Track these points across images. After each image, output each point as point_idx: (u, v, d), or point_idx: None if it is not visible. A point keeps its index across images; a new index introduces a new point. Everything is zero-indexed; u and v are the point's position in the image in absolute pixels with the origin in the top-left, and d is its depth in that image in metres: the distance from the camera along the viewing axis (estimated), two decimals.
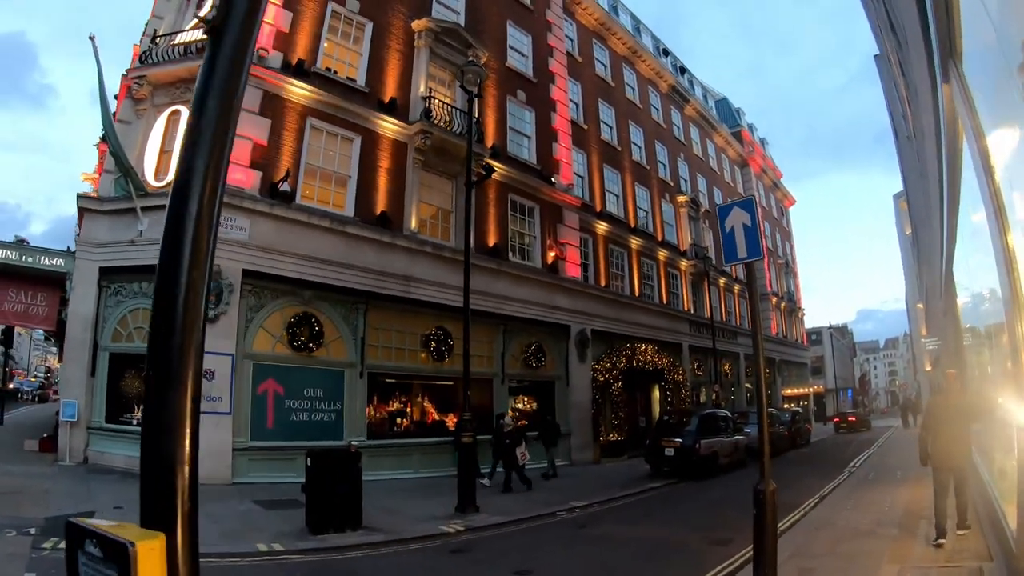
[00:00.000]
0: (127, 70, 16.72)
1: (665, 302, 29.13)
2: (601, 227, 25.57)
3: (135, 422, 13.74)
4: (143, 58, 16.28)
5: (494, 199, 20.74)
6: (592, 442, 22.14)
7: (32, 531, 8.43)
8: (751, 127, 46.65)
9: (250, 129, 14.80)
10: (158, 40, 16.46)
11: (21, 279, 18.21)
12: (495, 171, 15.38)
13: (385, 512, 11.59)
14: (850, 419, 46.82)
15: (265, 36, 15.47)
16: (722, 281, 35.92)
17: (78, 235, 16.10)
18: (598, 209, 25.80)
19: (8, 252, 17.97)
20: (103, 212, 15.21)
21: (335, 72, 17.37)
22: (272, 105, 15.51)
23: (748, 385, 37.76)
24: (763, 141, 48.87)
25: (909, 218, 49.45)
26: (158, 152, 15.17)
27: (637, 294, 27.05)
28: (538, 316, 20.73)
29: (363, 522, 10.32)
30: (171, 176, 2.70)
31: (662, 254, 29.53)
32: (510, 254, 20.87)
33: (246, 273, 14.40)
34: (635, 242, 27.50)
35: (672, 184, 32.30)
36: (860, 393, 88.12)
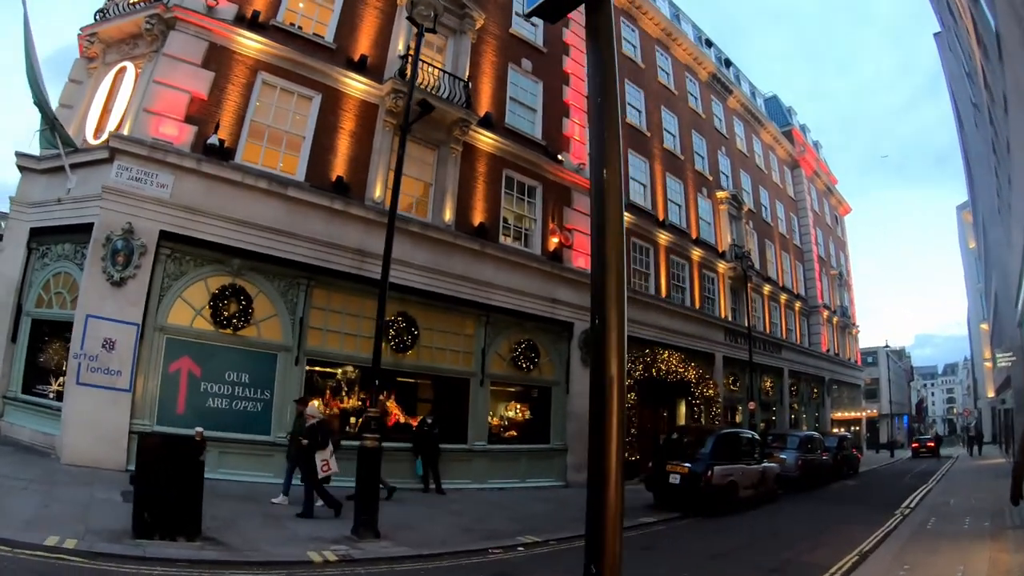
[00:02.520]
0: (81, 28, 14.64)
1: (698, 306, 24.69)
2: (624, 217, 21.41)
3: (51, 395, 12.23)
4: (98, 16, 14.55)
5: (484, 173, 17.09)
6: None
7: None
8: (803, 128, 41.57)
9: (188, 81, 12.77)
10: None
11: None
12: (434, 108, 11.96)
13: (259, 524, 9.16)
14: (929, 444, 41.75)
15: None
16: (766, 289, 31.11)
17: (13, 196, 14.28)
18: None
19: None
20: (40, 171, 13.50)
21: (299, 27, 14.66)
22: (218, 57, 13.25)
23: (794, 405, 32.76)
24: (816, 144, 43.63)
25: (973, 229, 44.03)
26: (101, 109, 13.56)
27: (664, 295, 22.81)
28: (533, 310, 16.87)
29: (204, 531, 7.96)
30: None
31: (696, 253, 25.16)
32: (502, 236, 17.11)
33: (164, 235, 11.97)
34: (663, 237, 23.28)
35: (711, 179, 27.90)
36: (916, 420, 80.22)
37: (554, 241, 17.98)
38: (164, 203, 11.95)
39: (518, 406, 17.24)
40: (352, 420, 14.10)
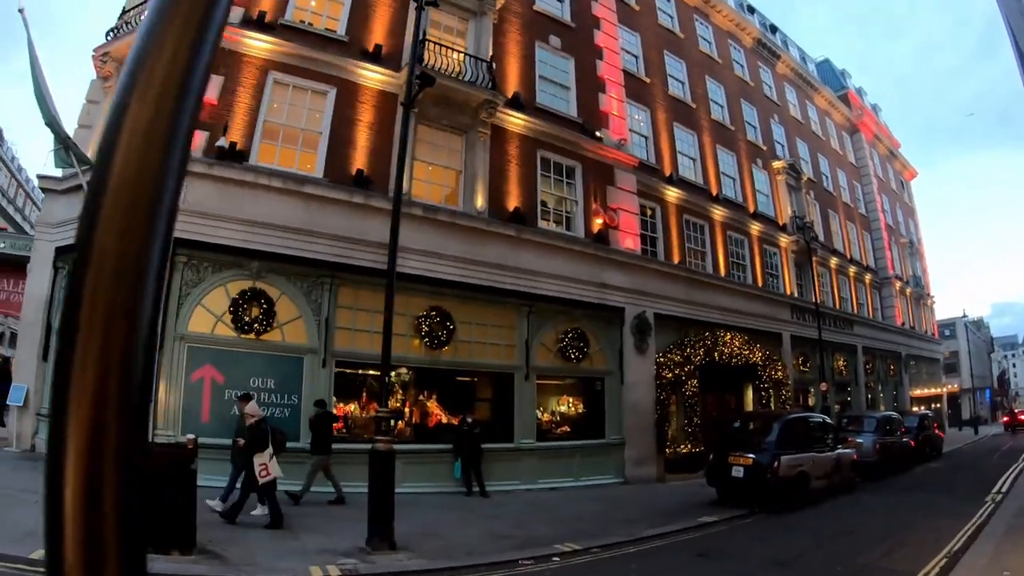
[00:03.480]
0: (95, 49, 14.26)
1: (761, 284, 22.55)
2: (672, 194, 19.68)
3: None
4: (110, 35, 14.28)
5: (517, 156, 15.65)
6: (655, 455, 16.24)
7: None
8: (859, 90, 38.44)
9: None
10: (128, 15, 14.18)
11: (5, 267, 16.41)
12: (435, 81, 10.77)
13: (267, 536, 8.39)
14: (1020, 418, 37.88)
15: None
16: (833, 261, 28.53)
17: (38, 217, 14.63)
18: (667, 173, 19.93)
19: (2, 242, 16.41)
20: (61, 191, 13.32)
21: (309, 24, 13.87)
22: (226, 61, 12.56)
23: (870, 384, 30.07)
24: (875, 107, 40.35)
25: None
26: None
27: (724, 273, 20.84)
28: (580, 296, 15.29)
29: (202, 544, 7.28)
30: None
31: (755, 228, 23.04)
32: (540, 220, 15.62)
33: (179, 242, 11.12)
34: (718, 213, 21.32)
35: (765, 148, 25.65)
36: (999, 394, 74.50)
37: (598, 222, 16.38)
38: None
39: (570, 400, 15.72)
40: (391, 423, 12.95)
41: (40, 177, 14.42)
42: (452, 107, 14.73)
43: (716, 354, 18.74)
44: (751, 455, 12.41)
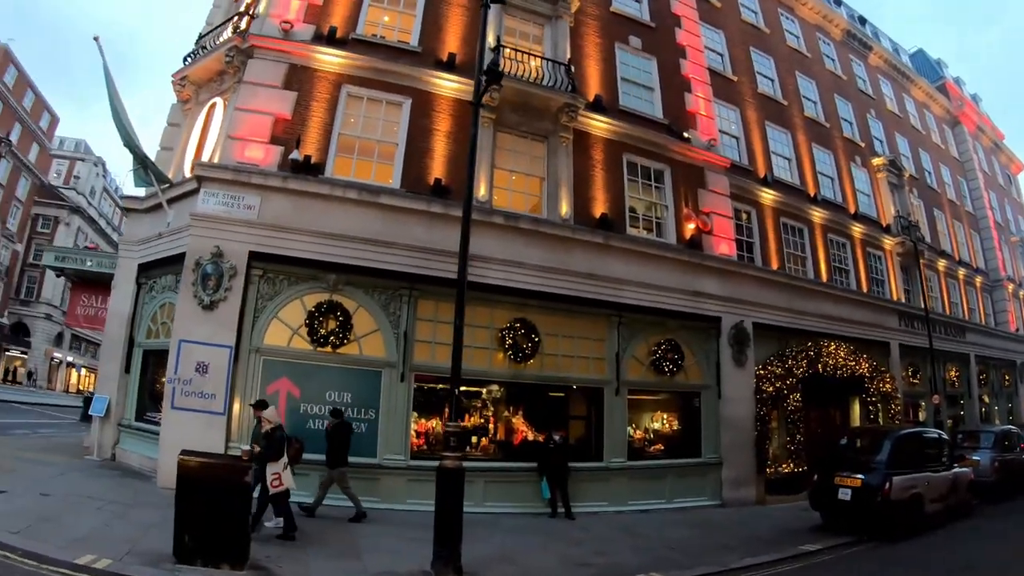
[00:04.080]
0: (173, 74, 14.66)
1: (865, 289, 20.48)
2: (767, 196, 18.12)
3: (158, 421, 11.47)
4: (187, 59, 14.64)
5: (602, 160, 14.61)
6: (754, 475, 14.59)
7: None
8: (957, 80, 35.16)
9: (270, 104, 12.16)
10: (203, 40, 14.57)
11: (95, 285, 16.59)
12: (503, 75, 9.97)
13: (326, 553, 7.88)
14: None
15: (294, 11, 12.92)
16: (941, 264, 25.87)
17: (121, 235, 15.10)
18: (761, 174, 18.37)
19: (87, 259, 16.84)
20: (143, 211, 13.74)
21: (382, 37, 13.58)
22: (299, 77, 12.54)
23: (984, 396, 27.10)
24: (975, 97, 36.75)
25: None
26: (196, 146, 13.52)
27: (825, 279, 18.99)
28: (673, 305, 13.99)
29: (257, 559, 6.93)
30: None
31: (857, 230, 21.01)
32: (629, 227, 14.46)
33: (254, 256, 11.13)
34: (817, 215, 19.52)
35: (863, 145, 23.50)
36: None
37: (690, 227, 15.06)
38: (252, 224, 11.18)
39: (664, 416, 14.40)
40: (474, 440, 12.15)
41: (123, 198, 15.15)
42: (532, 113, 13.95)
43: (820, 365, 16.97)
44: (860, 475, 10.93)
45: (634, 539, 10.14)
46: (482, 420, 12.44)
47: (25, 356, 47.99)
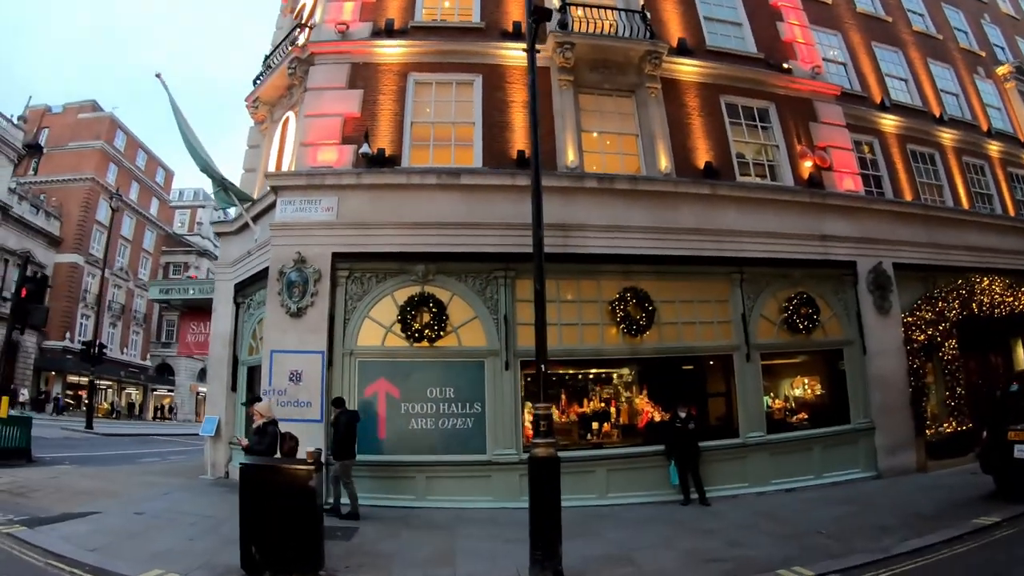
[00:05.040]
0: (246, 98, 14.57)
1: (1012, 213, 17.30)
2: (888, 122, 15.53)
3: None
4: (256, 81, 14.42)
5: (697, 107, 12.75)
6: (912, 438, 12.20)
7: None
8: None
9: (336, 105, 11.62)
10: (271, 60, 14.29)
11: (201, 312, 16.33)
12: (551, 14, 8.62)
13: (414, 561, 6.95)
14: None
15: (349, 12, 12.49)
16: None
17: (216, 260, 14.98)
18: (878, 100, 15.76)
19: (190, 288, 16.65)
20: (233, 232, 13.49)
21: (442, 20, 12.78)
22: (363, 74, 11.95)
23: None
24: None
25: None
26: (276, 161, 13.19)
27: (966, 206, 16.14)
28: (797, 253, 11.92)
29: (328, 569, 6.23)
30: None
31: (993, 148, 17.83)
32: (739, 175, 12.53)
33: (337, 256, 10.50)
34: (946, 136, 16.63)
35: (983, 55, 20.03)
36: None
37: (807, 166, 12.89)
38: (331, 225, 10.61)
39: (804, 381, 12.35)
40: (594, 426, 10.76)
41: (214, 223, 15.40)
42: (612, 68, 12.44)
43: (974, 305, 14.30)
44: None
45: (775, 524, 8.44)
46: (602, 404, 11.01)
47: (172, 393, 51.02)
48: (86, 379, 28.65)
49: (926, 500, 9.46)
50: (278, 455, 7.54)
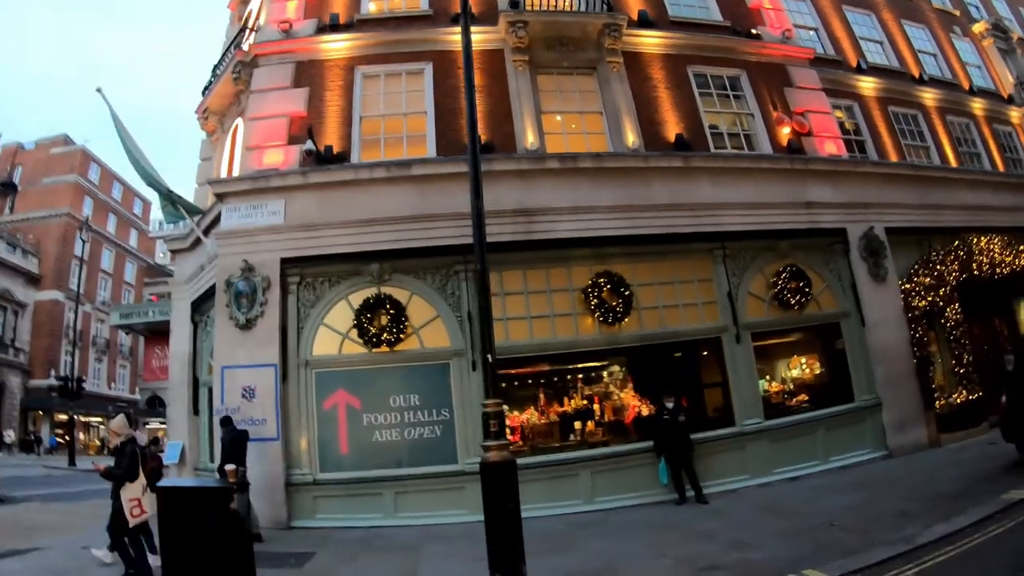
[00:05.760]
0: (196, 109, 13.75)
1: (1002, 169, 16.37)
2: (867, 85, 14.50)
3: None
4: (205, 91, 13.39)
5: (664, 78, 11.74)
6: (921, 412, 11.06)
7: None
8: None
9: (282, 106, 10.73)
10: (219, 71, 13.25)
11: (165, 335, 15.16)
12: None
13: None
14: None
15: (292, 10, 11.68)
16: None
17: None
18: (853, 63, 14.73)
19: (152, 311, 15.36)
20: (188, 248, 12.44)
21: (389, 11, 11.92)
22: (308, 72, 11.11)
23: None
24: None
25: None
26: (227, 169, 12.35)
27: (955, 165, 15.12)
28: (782, 223, 10.84)
29: None
30: None
31: (977, 105, 16.84)
32: (712, 146, 11.49)
33: (287, 262, 9.54)
34: (928, 96, 15.62)
35: (957, 13, 19.07)
36: None
37: (785, 132, 11.84)
38: (278, 230, 9.62)
39: (802, 360, 11.25)
40: (577, 425, 9.69)
41: (167, 240, 14.46)
42: (569, 45, 11.50)
43: (973, 266, 13.24)
44: None
45: (781, 519, 7.37)
46: (584, 401, 9.93)
47: (164, 425, 49.55)
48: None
49: (945, 477, 8.43)
50: (142, 480, 6.46)
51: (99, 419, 41.71)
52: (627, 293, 9.57)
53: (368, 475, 8.87)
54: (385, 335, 9.10)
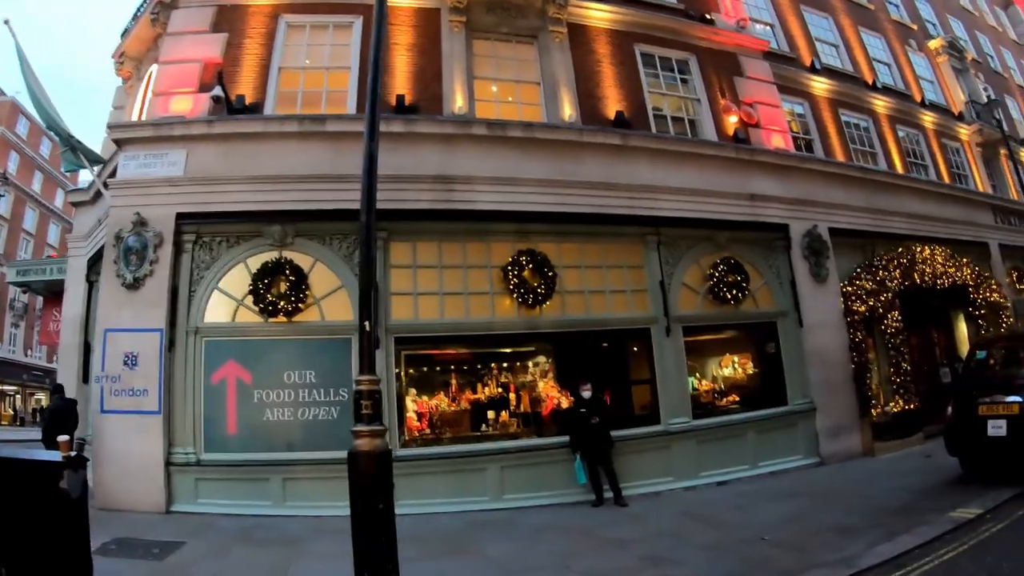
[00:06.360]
0: (113, 53, 12.51)
1: (948, 181, 16.15)
2: (819, 85, 14.07)
3: None
4: (124, 35, 12.31)
5: (609, 54, 10.98)
6: (856, 419, 10.62)
7: None
8: None
9: (196, 51, 9.62)
10: (138, 16, 11.95)
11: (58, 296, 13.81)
12: None
13: None
14: None
15: None
16: (1023, 153, 21.17)
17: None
18: (807, 62, 14.34)
19: (51, 268, 13.84)
20: (89, 201, 11.41)
21: None
22: (229, 17, 10.00)
23: None
24: None
25: None
26: (138, 116, 11.08)
27: (903, 172, 14.78)
28: (723, 213, 10.18)
29: None
30: None
31: (927, 119, 16.66)
32: (654, 128, 10.80)
33: (183, 218, 8.44)
34: (880, 103, 15.31)
35: (915, 28, 18.99)
36: None
37: (732, 121, 11.25)
38: (177, 182, 8.54)
39: (735, 359, 10.60)
40: (490, 415, 8.81)
41: (68, 192, 13.56)
42: (511, 10, 10.61)
43: (916, 275, 12.84)
44: (1016, 398, 7.21)
45: (706, 529, 6.66)
46: (499, 389, 9.05)
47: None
48: None
49: (885, 490, 7.85)
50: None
51: (14, 387, 39.13)
52: (551, 274, 8.72)
53: (256, 458, 7.87)
54: (283, 303, 8.08)
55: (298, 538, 6.73)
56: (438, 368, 9.10)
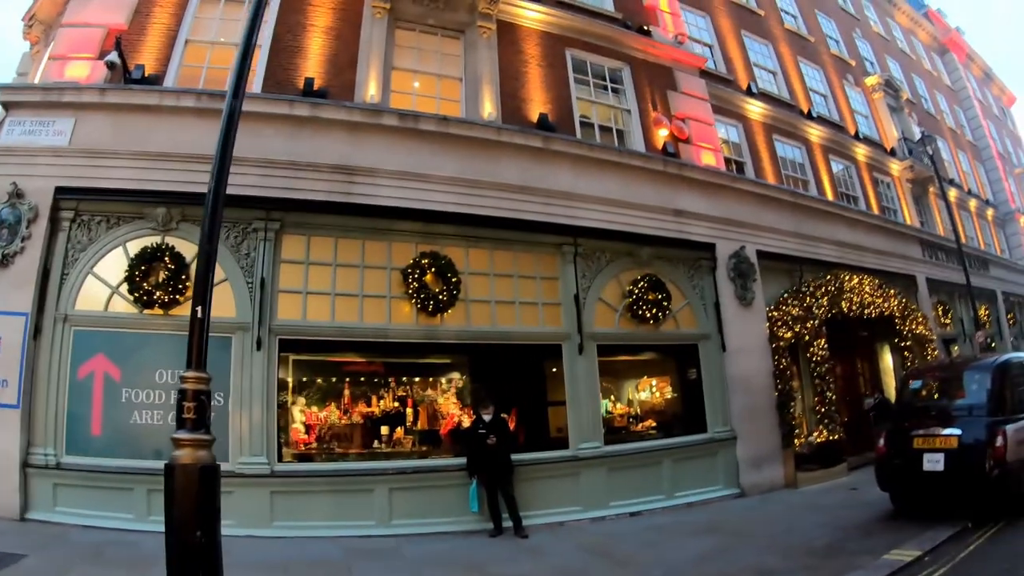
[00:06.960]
0: (23, 16, 11.32)
1: (878, 212, 16.21)
2: (755, 109, 13.92)
3: None
4: None
5: (538, 56, 10.48)
6: (779, 449, 10.24)
7: None
8: (940, 11, 30.97)
9: (101, 15, 8.65)
10: None
11: None
12: None
13: None
14: None
15: None
16: (952, 194, 21.27)
17: None
18: (744, 85, 14.20)
19: None
20: None
21: None
22: None
23: (1014, 338, 22.66)
24: (959, 29, 32.57)
25: None
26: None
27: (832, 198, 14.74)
28: (647, 228, 9.72)
29: None
30: None
31: (860, 152, 16.78)
32: (580, 134, 10.28)
33: (63, 192, 7.56)
34: (815, 132, 15.32)
35: (853, 64, 19.30)
36: None
37: (662, 134, 10.87)
38: (60, 152, 7.67)
39: (652, 382, 10.11)
40: (384, 431, 8.00)
41: None
42: (439, 2, 9.98)
43: (844, 303, 12.67)
44: (953, 431, 6.90)
45: (613, 569, 6.04)
46: (396, 403, 8.25)
47: None
48: None
49: (810, 525, 7.40)
50: None
51: None
52: (455, 280, 8.03)
53: (120, 464, 6.97)
54: (159, 294, 7.22)
55: (153, 559, 5.69)
56: (333, 377, 8.31)
